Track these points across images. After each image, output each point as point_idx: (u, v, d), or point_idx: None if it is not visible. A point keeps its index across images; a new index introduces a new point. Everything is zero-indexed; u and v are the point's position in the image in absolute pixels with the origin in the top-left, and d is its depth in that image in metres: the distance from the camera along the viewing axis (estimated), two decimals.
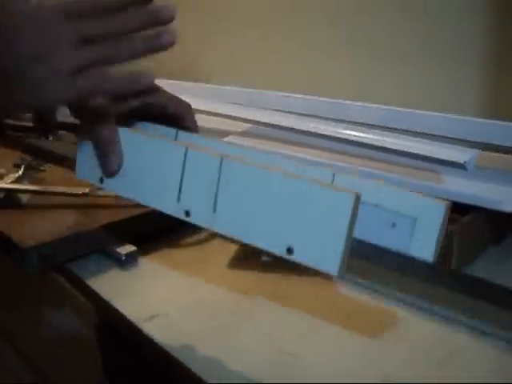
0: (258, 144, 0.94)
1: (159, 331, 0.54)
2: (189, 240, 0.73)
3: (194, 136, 0.52)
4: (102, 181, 0.50)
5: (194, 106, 0.91)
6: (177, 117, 0.53)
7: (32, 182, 0.81)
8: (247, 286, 0.63)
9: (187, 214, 0.46)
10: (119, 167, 0.48)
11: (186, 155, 0.46)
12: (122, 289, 0.62)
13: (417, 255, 0.42)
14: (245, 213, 0.43)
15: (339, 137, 0.84)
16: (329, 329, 0.55)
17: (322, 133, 0.85)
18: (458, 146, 0.73)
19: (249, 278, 0.65)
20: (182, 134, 0.52)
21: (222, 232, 0.45)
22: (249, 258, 0.68)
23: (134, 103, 0.50)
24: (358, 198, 0.37)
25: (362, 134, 0.79)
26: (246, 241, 0.43)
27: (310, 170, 0.45)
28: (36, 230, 0.65)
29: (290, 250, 0.40)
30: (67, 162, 0.90)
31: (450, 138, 0.75)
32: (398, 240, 0.43)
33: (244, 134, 0.99)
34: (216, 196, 0.44)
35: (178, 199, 0.46)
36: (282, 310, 0.58)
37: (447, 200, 0.41)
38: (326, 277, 0.60)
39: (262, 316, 0.58)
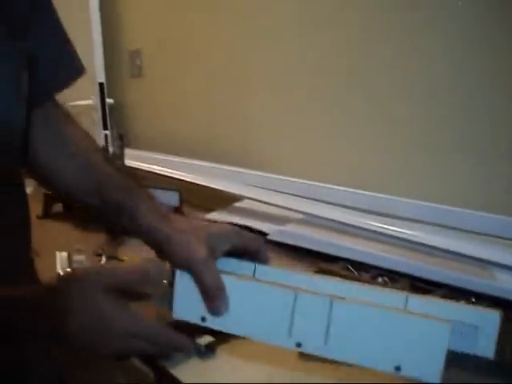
0: (314, 232, 1.01)
1: None
2: None
3: (273, 270, 0.60)
4: (203, 319, 0.57)
5: (248, 195, 1.03)
6: (254, 252, 0.62)
7: None
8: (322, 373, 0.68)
9: (298, 345, 0.55)
10: (226, 310, 0.55)
11: (295, 299, 0.54)
12: (202, 378, 0.68)
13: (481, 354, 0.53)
14: (355, 342, 0.53)
15: (392, 234, 0.91)
16: None
17: (375, 229, 0.92)
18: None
19: (321, 367, 0.70)
20: (260, 268, 0.60)
21: (335, 358, 0.54)
22: None
23: (226, 247, 0.60)
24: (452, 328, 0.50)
25: (418, 234, 0.86)
26: (359, 364, 0.53)
27: (385, 295, 0.57)
28: None
29: (398, 368, 0.52)
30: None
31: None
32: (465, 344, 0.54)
33: (301, 222, 1.06)
34: (327, 331, 0.54)
35: (290, 334, 0.55)
36: None
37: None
38: None
39: None
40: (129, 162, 1.38)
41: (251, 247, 0.62)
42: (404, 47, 1.01)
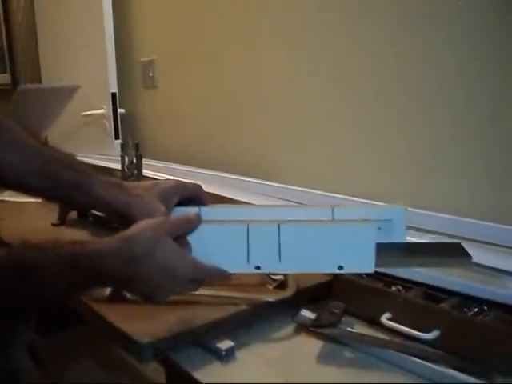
0: None
1: None
2: (276, 335, 0.81)
3: (215, 209, 0.75)
4: None
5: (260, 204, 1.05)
6: (196, 198, 0.76)
7: None
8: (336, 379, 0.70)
9: (257, 268, 0.69)
10: None
11: (248, 229, 0.68)
12: (222, 382, 0.70)
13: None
14: (302, 255, 0.67)
15: None
16: None
17: None
18: None
19: (335, 371, 0.72)
20: (204, 210, 0.73)
21: (289, 272, 0.77)
22: (334, 352, 0.76)
23: (176, 198, 0.75)
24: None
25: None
26: (309, 271, 0.71)
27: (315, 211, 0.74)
28: (148, 326, 0.74)
29: (340, 268, 0.67)
30: None
31: None
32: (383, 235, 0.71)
33: None
34: (279, 251, 0.67)
35: (248, 260, 0.68)
36: None
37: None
38: None
39: None
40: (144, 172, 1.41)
41: (194, 194, 0.76)
42: (433, 65, 1.02)
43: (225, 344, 0.74)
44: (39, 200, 1.70)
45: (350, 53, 1.17)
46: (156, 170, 1.49)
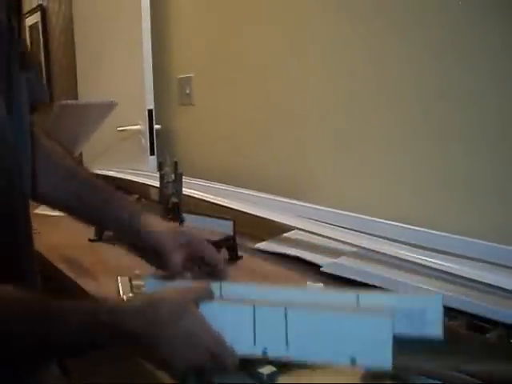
0: (367, 265, 1.02)
1: None
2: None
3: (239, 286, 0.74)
4: None
5: (299, 226, 1.07)
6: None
7: None
8: None
9: (264, 352, 0.65)
10: None
11: (254, 312, 0.64)
12: None
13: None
14: (312, 342, 0.62)
15: (445, 270, 0.92)
16: None
17: (428, 265, 0.94)
18: None
19: None
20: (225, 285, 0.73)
21: (297, 360, 0.65)
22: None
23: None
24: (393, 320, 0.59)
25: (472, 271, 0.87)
26: (318, 361, 0.64)
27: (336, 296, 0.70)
28: None
29: (353, 360, 0.60)
30: None
31: None
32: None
33: (354, 255, 1.08)
34: (286, 336, 0.63)
35: (255, 343, 0.65)
36: None
37: None
38: None
39: None
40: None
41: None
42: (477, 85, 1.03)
43: (267, 369, 0.74)
44: None
45: (398, 79, 1.17)
46: (190, 188, 1.49)
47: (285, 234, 1.30)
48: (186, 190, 1.45)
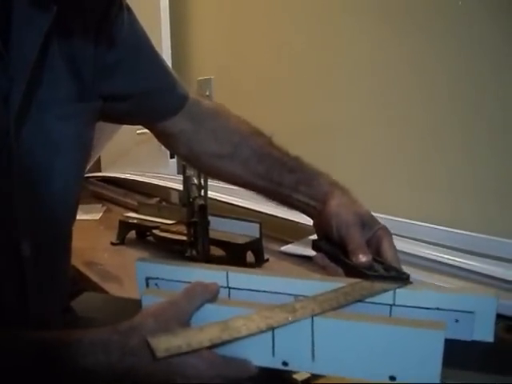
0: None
1: None
2: None
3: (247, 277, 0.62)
4: None
5: None
6: None
7: None
8: None
9: (285, 364, 0.54)
10: None
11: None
12: None
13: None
14: (343, 356, 0.51)
15: (483, 273, 0.89)
16: None
17: (467, 267, 0.91)
18: None
19: None
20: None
21: (325, 373, 0.57)
22: None
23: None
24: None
25: None
26: (351, 376, 0.52)
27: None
28: None
29: (392, 378, 0.50)
30: None
31: None
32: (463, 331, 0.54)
33: None
34: (313, 348, 0.52)
35: (273, 354, 0.53)
36: None
37: None
38: None
39: None
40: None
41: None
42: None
43: (301, 375, 0.72)
44: (96, 218, 1.73)
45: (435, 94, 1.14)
46: (211, 190, 1.48)
47: (310, 237, 1.27)
48: (213, 194, 1.43)
